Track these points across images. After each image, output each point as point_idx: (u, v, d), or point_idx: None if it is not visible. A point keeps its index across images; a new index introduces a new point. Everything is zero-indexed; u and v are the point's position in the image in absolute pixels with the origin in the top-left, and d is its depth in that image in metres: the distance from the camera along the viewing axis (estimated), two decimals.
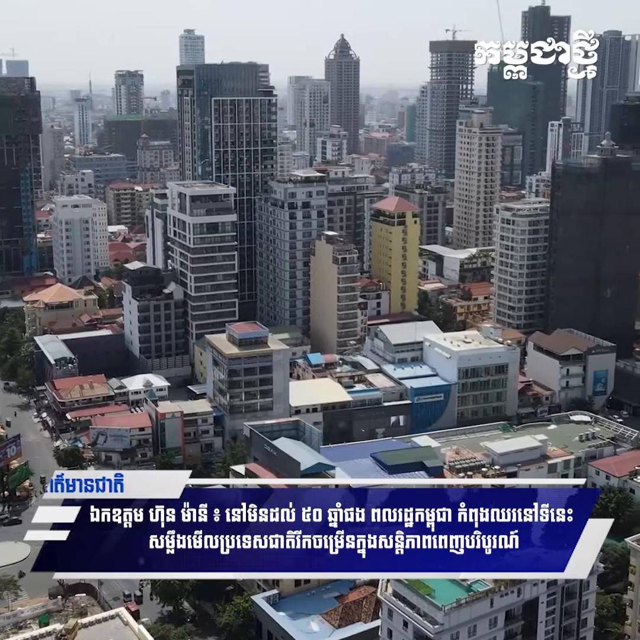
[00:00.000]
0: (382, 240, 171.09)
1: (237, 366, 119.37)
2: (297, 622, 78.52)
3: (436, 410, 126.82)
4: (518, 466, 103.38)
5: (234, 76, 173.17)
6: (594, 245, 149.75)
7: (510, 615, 65.93)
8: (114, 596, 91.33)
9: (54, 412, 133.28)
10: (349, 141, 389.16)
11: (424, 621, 63.01)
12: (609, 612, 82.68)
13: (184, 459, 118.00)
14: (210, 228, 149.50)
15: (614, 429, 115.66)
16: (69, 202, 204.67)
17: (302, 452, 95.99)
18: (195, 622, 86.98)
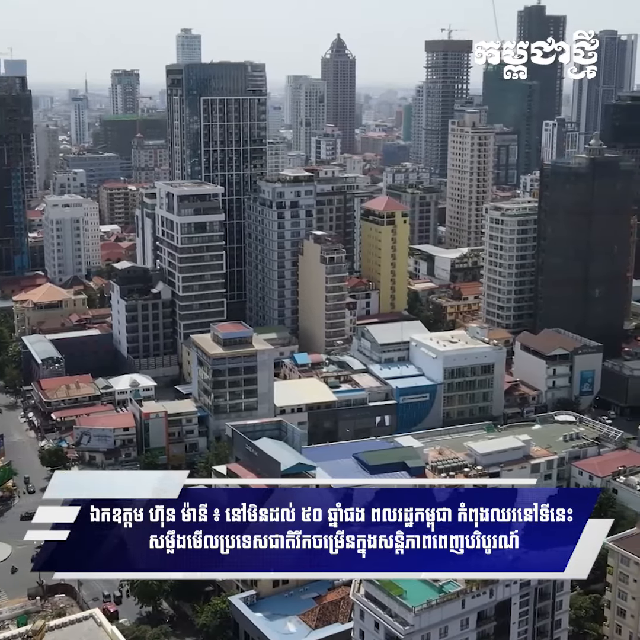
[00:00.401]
0: (372, 240, 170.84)
1: (222, 366, 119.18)
2: (274, 623, 78.38)
3: (422, 411, 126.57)
4: (501, 466, 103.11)
5: (224, 75, 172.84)
6: (582, 245, 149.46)
7: (482, 616, 65.71)
8: (94, 597, 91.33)
9: (40, 412, 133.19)
10: (345, 141, 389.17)
11: (395, 622, 62.83)
12: (587, 613, 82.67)
13: (168, 459, 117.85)
14: (198, 228, 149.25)
15: (598, 429, 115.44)
16: (60, 201, 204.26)
17: (283, 452, 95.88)
18: (173, 623, 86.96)
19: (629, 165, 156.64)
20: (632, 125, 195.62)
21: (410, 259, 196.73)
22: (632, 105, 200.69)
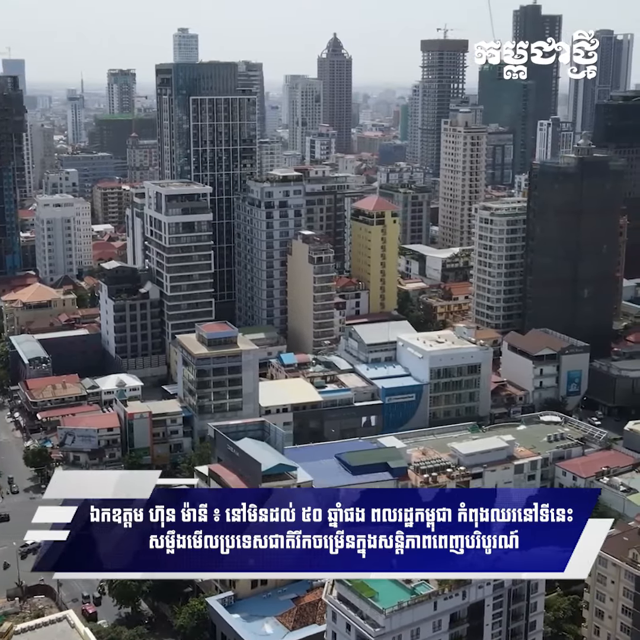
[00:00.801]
0: (362, 240, 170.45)
1: (206, 366, 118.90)
2: (251, 624, 78.12)
3: (408, 411, 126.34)
4: (484, 467, 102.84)
5: (213, 75, 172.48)
6: (571, 245, 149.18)
7: (455, 617, 65.54)
8: (73, 598, 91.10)
9: (26, 412, 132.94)
10: (342, 140, 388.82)
11: (366, 624, 62.64)
12: (566, 614, 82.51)
13: (153, 460, 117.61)
14: (186, 227, 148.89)
15: (583, 429, 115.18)
16: (51, 201, 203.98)
17: (264, 452, 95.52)
18: (152, 624, 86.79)
19: (619, 165, 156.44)
20: (624, 125, 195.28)
21: (401, 258, 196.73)
22: (624, 105, 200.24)
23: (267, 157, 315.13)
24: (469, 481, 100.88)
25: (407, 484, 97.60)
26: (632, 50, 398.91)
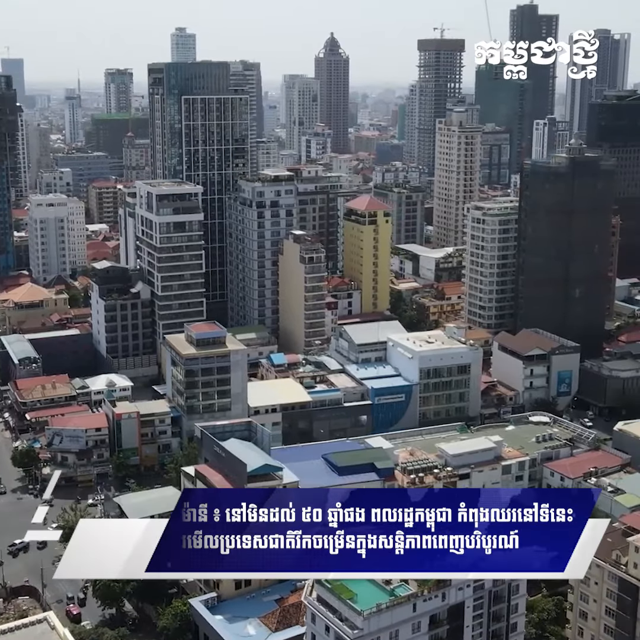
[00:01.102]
0: (354, 240, 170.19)
1: (194, 366, 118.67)
2: (234, 625, 77.80)
3: (397, 411, 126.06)
4: (471, 467, 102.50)
5: (205, 74, 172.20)
6: (562, 244, 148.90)
7: (434, 619, 65.22)
8: (58, 599, 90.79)
9: (15, 412, 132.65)
10: (338, 140, 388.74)
11: (344, 626, 62.35)
12: (550, 615, 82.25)
13: (141, 460, 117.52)
14: (177, 227, 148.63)
15: (572, 429, 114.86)
16: (44, 200, 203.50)
17: (250, 453, 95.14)
18: (136, 625, 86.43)
19: (610, 164, 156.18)
20: (617, 124, 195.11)
21: (395, 258, 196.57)
22: (617, 105, 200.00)
23: (264, 157, 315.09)
24: (456, 482, 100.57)
25: (394, 485, 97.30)
26: (629, 49, 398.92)
